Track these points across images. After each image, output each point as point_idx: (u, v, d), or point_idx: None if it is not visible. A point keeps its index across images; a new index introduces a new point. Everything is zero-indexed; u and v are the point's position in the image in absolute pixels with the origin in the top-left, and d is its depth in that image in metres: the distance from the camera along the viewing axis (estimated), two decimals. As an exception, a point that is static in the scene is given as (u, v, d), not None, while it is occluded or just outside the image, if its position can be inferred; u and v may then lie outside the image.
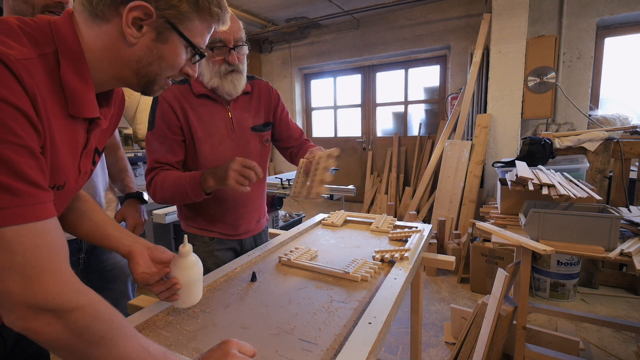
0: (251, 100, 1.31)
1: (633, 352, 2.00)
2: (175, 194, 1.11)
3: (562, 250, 1.43)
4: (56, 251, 0.52)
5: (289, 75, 5.53)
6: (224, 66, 1.14)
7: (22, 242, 0.48)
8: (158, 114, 1.16)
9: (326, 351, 0.73)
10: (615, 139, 2.59)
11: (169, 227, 2.62)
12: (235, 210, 1.30)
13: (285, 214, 3.62)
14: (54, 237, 0.52)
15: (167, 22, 0.61)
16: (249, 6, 4.28)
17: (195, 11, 0.63)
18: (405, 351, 2.07)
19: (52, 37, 0.57)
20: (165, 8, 0.60)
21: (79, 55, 0.59)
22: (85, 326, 0.52)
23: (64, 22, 0.59)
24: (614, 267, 2.82)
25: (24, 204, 0.49)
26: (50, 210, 0.53)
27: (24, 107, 0.49)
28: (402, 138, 4.94)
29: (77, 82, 0.59)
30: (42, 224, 0.51)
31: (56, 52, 0.57)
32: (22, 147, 0.49)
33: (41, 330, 0.49)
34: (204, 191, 1.07)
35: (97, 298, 0.55)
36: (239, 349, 0.66)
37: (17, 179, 0.48)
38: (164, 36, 0.62)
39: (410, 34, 4.50)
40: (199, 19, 0.65)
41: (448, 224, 3.42)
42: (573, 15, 3.40)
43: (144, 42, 0.61)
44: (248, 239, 1.39)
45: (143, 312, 0.86)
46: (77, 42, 0.59)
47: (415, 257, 1.18)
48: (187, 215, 1.31)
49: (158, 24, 0.61)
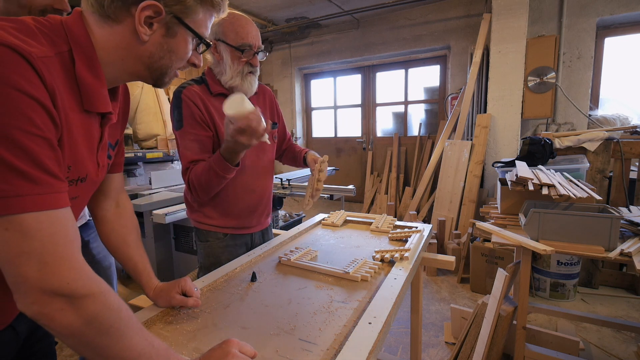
0: (259, 101, 1.40)
1: (633, 352, 2.00)
2: (210, 179, 1.15)
3: (562, 250, 1.43)
4: (71, 239, 0.54)
5: (289, 75, 5.53)
6: (247, 67, 1.23)
7: (40, 229, 0.50)
8: (186, 113, 1.20)
9: (326, 351, 0.73)
10: (615, 139, 2.59)
11: (169, 227, 2.62)
12: (247, 207, 1.36)
13: (285, 214, 3.62)
14: (68, 226, 0.54)
15: (175, 17, 0.64)
16: (249, 6, 4.28)
17: (200, 3, 0.67)
18: (405, 351, 2.07)
19: (65, 36, 0.59)
20: (172, 4, 0.63)
21: (92, 53, 0.62)
22: (96, 314, 0.53)
23: (75, 21, 0.62)
24: (614, 267, 2.81)
25: (44, 192, 0.51)
26: (66, 200, 0.55)
27: (44, 100, 0.51)
28: (402, 138, 4.94)
29: (91, 78, 0.62)
30: (60, 212, 0.53)
31: (70, 50, 0.59)
32: (42, 139, 0.51)
33: (54, 316, 0.50)
34: (231, 164, 1.10)
35: (107, 287, 0.57)
36: (240, 349, 0.66)
37: (37, 168, 0.50)
38: (172, 31, 0.66)
39: (410, 34, 4.50)
40: (203, 11, 0.68)
41: (448, 224, 3.42)
42: (573, 15, 3.40)
43: (155, 38, 0.65)
44: (257, 234, 1.45)
45: (143, 312, 0.86)
46: (89, 41, 0.62)
47: (415, 257, 1.18)
48: (199, 213, 1.34)
49: (167, 20, 0.64)
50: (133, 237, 0.91)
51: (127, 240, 0.90)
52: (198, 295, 0.91)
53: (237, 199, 1.33)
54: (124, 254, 0.90)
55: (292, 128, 5.60)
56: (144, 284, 0.90)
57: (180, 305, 0.87)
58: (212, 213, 1.33)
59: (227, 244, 1.35)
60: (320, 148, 5.70)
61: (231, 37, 1.18)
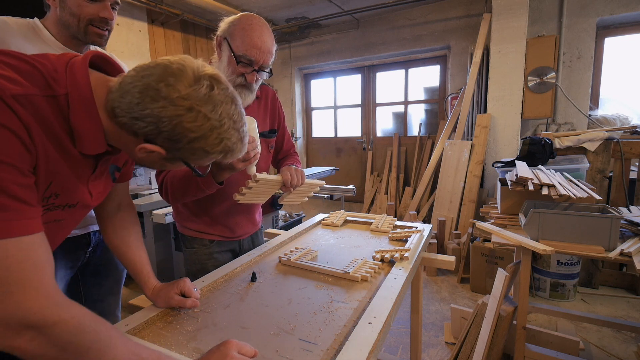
0: (260, 106, 1.31)
1: (633, 352, 2.00)
2: (187, 189, 1.10)
3: (562, 250, 1.43)
4: (40, 266, 0.53)
5: (289, 75, 5.53)
6: (240, 79, 1.12)
7: (7, 257, 0.49)
8: None
9: (326, 351, 0.73)
10: (615, 139, 2.59)
11: (169, 227, 2.62)
12: (235, 213, 1.30)
13: (285, 214, 3.62)
14: (38, 252, 0.54)
15: (179, 158, 0.67)
16: (249, 6, 4.28)
17: (206, 155, 0.67)
18: (405, 351, 2.07)
19: (65, 80, 0.60)
20: (178, 155, 0.66)
21: (90, 100, 0.62)
22: (69, 340, 0.52)
23: (80, 67, 0.62)
24: (614, 267, 2.81)
25: (10, 218, 0.51)
26: (37, 226, 0.55)
27: (16, 129, 0.52)
28: (402, 138, 4.93)
29: (85, 123, 0.62)
30: (29, 238, 0.53)
31: (67, 95, 0.60)
32: (10, 166, 0.51)
33: (25, 348, 0.50)
34: (216, 182, 1.06)
35: (80, 310, 0.56)
36: (239, 350, 0.66)
37: (3, 195, 0.50)
38: (172, 160, 0.68)
39: (410, 34, 4.49)
40: (209, 159, 0.70)
41: (448, 224, 3.42)
42: (573, 15, 3.40)
43: (153, 157, 0.66)
44: (246, 239, 1.39)
45: (143, 312, 0.86)
46: (89, 90, 0.62)
47: (415, 257, 1.18)
48: (186, 218, 1.30)
49: (170, 156, 0.66)
50: (133, 239, 0.93)
51: (128, 242, 0.91)
52: (198, 295, 0.91)
53: (225, 208, 1.27)
54: (124, 255, 0.91)
55: (292, 128, 5.60)
56: (143, 284, 0.91)
57: (178, 306, 0.88)
58: (198, 219, 1.27)
59: (213, 250, 1.29)
60: (320, 148, 5.71)
61: (236, 43, 1.08)
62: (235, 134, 0.67)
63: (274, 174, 1.18)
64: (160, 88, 0.59)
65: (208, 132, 0.62)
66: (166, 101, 0.59)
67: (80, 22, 1.04)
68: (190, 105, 0.60)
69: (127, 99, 0.60)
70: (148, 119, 0.60)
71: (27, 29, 1.05)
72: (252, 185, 1.09)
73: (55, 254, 1.10)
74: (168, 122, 0.60)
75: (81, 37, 1.08)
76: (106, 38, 1.12)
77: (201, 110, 0.61)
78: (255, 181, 1.09)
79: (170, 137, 0.61)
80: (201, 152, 0.65)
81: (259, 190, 1.16)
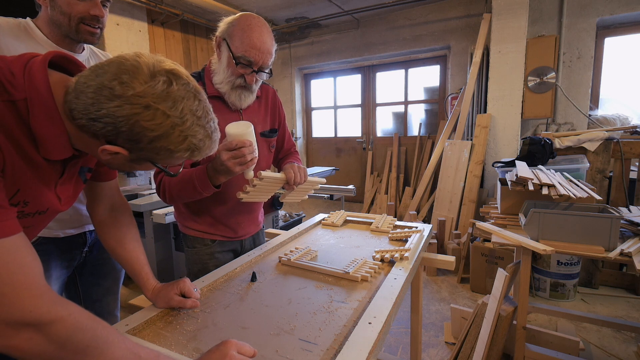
0: (260, 106, 1.30)
1: (633, 352, 2.00)
2: (184, 190, 1.09)
3: (562, 250, 1.43)
4: (28, 266, 0.53)
5: (289, 75, 5.53)
6: (239, 80, 1.12)
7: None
8: None
9: (326, 351, 0.73)
10: (615, 139, 2.59)
11: (169, 227, 2.62)
12: (237, 213, 1.30)
13: (285, 214, 3.62)
14: (23, 252, 0.53)
15: (144, 159, 0.64)
16: (249, 6, 4.28)
17: (171, 155, 0.64)
18: (405, 351, 2.07)
19: (23, 85, 0.57)
20: (143, 155, 0.63)
21: (50, 104, 0.60)
22: (67, 337, 0.52)
23: (39, 70, 0.59)
24: (614, 267, 2.81)
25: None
26: (16, 227, 0.54)
27: None
28: (402, 138, 4.93)
29: (46, 128, 0.60)
30: (11, 239, 0.52)
31: (26, 99, 0.57)
32: None
33: (23, 347, 0.49)
34: (213, 185, 1.06)
35: (76, 309, 0.55)
36: (239, 350, 0.66)
37: None
38: (139, 161, 0.65)
39: (410, 34, 4.49)
40: (176, 159, 0.66)
41: (448, 224, 3.42)
42: (573, 15, 3.40)
43: (119, 158, 0.63)
44: (248, 239, 1.39)
45: (143, 312, 0.86)
46: (49, 93, 0.59)
47: (415, 257, 1.18)
48: (187, 218, 1.29)
49: (134, 156, 0.63)
50: (129, 239, 0.91)
51: (124, 242, 0.91)
52: (198, 296, 0.91)
53: (227, 208, 1.27)
54: (121, 256, 0.90)
55: (292, 128, 5.60)
56: (143, 285, 0.90)
57: (178, 306, 0.87)
58: (201, 220, 1.27)
59: (214, 250, 1.29)
60: (320, 148, 5.71)
61: (235, 43, 1.07)
62: (200, 130, 0.63)
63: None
64: (114, 86, 0.56)
65: (169, 130, 0.59)
66: (121, 100, 0.56)
67: (72, 21, 1.04)
68: (147, 103, 0.57)
69: (82, 99, 0.58)
70: (105, 120, 0.57)
71: (18, 29, 1.05)
72: (256, 183, 1.09)
73: (50, 253, 1.11)
74: (125, 122, 0.57)
75: (73, 35, 1.07)
76: (98, 36, 1.11)
77: (159, 107, 0.57)
78: (260, 179, 1.08)
79: (130, 138, 0.59)
80: (165, 151, 0.62)
81: (263, 188, 1.16)
